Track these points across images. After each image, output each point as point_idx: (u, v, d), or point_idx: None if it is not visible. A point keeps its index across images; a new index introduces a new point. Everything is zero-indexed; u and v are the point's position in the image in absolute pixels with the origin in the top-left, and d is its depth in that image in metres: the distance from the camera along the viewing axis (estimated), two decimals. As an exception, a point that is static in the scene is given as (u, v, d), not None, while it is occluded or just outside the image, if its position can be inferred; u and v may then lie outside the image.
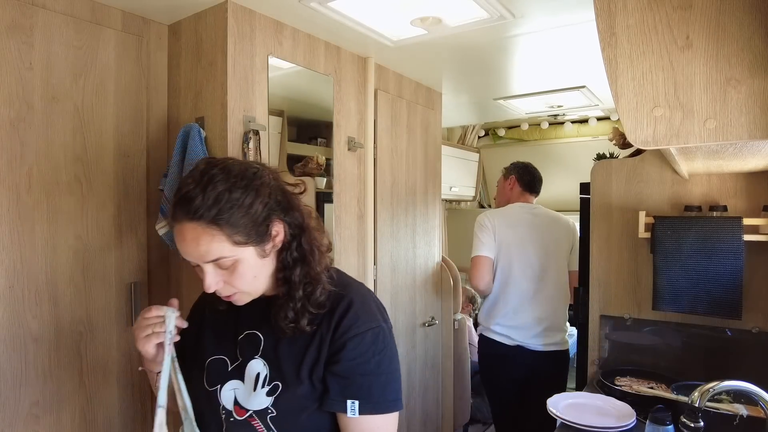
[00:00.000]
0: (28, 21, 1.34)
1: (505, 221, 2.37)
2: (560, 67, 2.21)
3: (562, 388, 2.30)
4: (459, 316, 2.73)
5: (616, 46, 1.01)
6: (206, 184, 0.84)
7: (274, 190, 0.91)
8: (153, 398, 1.64)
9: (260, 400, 0.91)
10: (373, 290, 2.09)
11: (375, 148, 2.10)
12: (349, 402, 0.88)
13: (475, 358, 2.99)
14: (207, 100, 1.56)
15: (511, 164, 2.67)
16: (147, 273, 1.64)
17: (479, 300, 2.77)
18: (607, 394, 1.53)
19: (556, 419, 1.39)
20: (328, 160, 1.89)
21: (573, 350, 2.63)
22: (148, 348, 0.93)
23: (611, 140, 2.23)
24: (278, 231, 0.91)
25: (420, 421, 2.45)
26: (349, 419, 0.89)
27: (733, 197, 1.65)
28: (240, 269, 0.88)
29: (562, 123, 3.67)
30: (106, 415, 1.52)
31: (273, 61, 1.65)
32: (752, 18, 0.89)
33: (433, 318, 2.53)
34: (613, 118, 3.40)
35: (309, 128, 1.89)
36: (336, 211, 1.91)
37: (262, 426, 0.91)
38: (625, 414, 1.39)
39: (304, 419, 0.91)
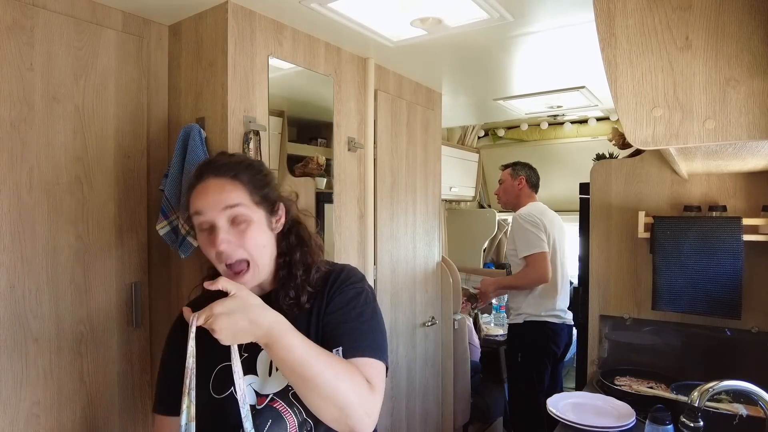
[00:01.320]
0: (28, 21, 1.34)
1: (546, 219, 2.62)
2: (560, 68, 2.21)
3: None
4: (459, 316, 2.73)
5: (615, 46, 1.01)
6: (231, 156, 1.01)
7: (274, 178, 1.05)
8: (153, 398, 1.65)
9: (279, 381, 0.95)
10: (372, 290, 2.10)
11: (375, 148, 2.11)
12: (334, 351, 0.91)
13: (476, 357, 3.00)
14: (207, 100, 1.57)
15: (516, 163, 2.86)
16: (147, 273, 1.64)
17: (503, 298, 2.84)
18: (607, 393, 1.54)
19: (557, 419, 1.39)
20: (328, 161, 1.89)
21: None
22: None
23: (611, 140, 2.24)
24: (281, 213, 1.03)
25: (420, 420, 2.45)
26: (359, 362, 0.92)
27: (733, 197, 1.65)
28: (252, 230, 0.95)
29: (562, 123, 3.67)
30: (106, 415, 1.53)
31: (273, 61, 1.65)
32: (751, 18, 0.90)
33: (433, 318, 2.53)
34: (613, 118, 3.40)
35: (309, 128, 1.89)
36: (336, 211, 1.91)
37: (284, 405, 0.94)
38: (625, 414, 1.39)
39: None
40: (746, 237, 1.51)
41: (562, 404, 1.46)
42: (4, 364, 1.31)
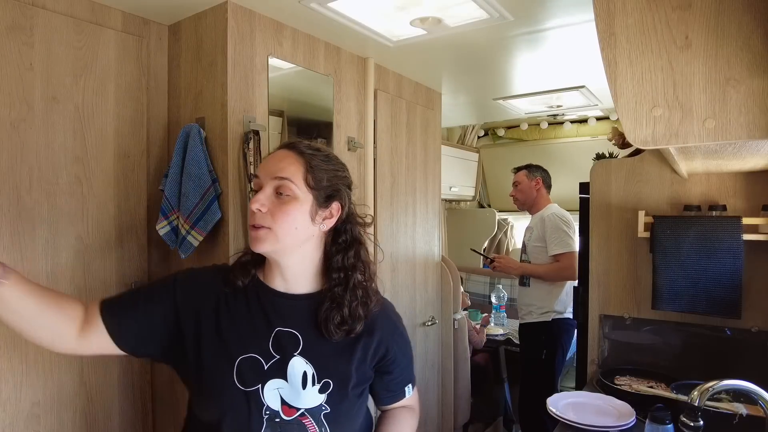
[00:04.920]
0: (28, 21, 1.34)
1: (572, 220, 2.71)
2: (560, 67, 2.21)
3: None
4: (459, 315, 2.74)
5: (615, 46, 1.01)
6: (317, 146, 1.05)
7: (349, 187, 1.06)
8: (153, 399, 1.66)
9: (313, 398, 0.95)
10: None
11: (375, 148, 2.11)
12: (407, 387, 1.13)
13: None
14: (207, 100, 1.57)
15: (531, 165, 2.95)
16: (147, 273, 1.64)
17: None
18: (607, 393, 1.54)
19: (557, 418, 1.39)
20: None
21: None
22: None
23: (610, 140, 2.24)
24: (334, 213, 1.01)
25: (420, 420, 2.43)
26: (405, 400, 1.14)
27: (733, 197, 1.65)
28: (291, 206, 0.95)
29: (562, 123, 3.67)
30: (106, 415, 1.53)
31: (273, 61, 1.65)
32: (751, 18, 0.90)
33: (433, 318, 2.53)
34: (613, 117, 3.40)
35: (309, 128, 1.89)
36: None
37: (313, 424, 0.94)
38: (625, 413, 1.39)
39: (353, 412, 1.02)
40: (746, 236, 1.50)
41: (562, 404, 1.46)
42: (4, 364, 1.31)
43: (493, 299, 3.56)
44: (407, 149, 2.35)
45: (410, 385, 1.14)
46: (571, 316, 2.68)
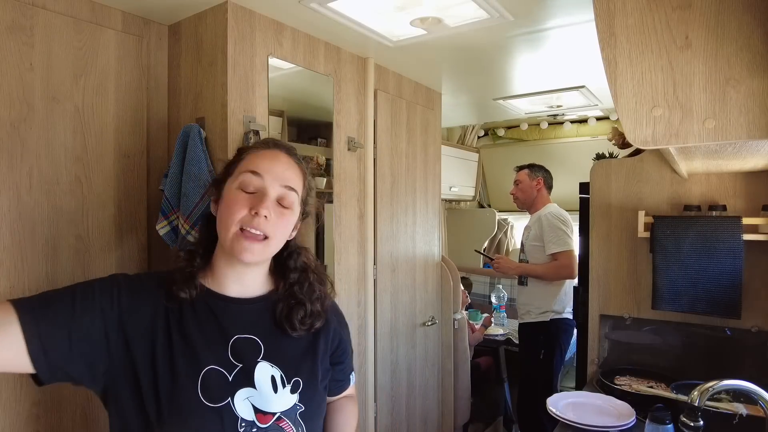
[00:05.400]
0: (28, 21, 1.34)
1: (569, 219, 2.73)
2: (560, 67, 2.21)
3: None
4: (459, 315, 2.74)
5: (615, 46, 1.01)
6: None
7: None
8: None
9: (286, 400, 0.91)
10: (372, 290, 2.10)
11: (375, 148, 2.11)
12: (351, 374, 1.15)
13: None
14: (207, 100, 1.57)
15: (533, 165, 2.95)
16: (147, 273, 1.65)
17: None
18: (607, 393, 1.54)
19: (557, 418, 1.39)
20: (328, 160, 1.89)
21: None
22: None
23: (610, 140, 2.24)
24: (299, 226, 1.02)
25: (420, 420, 2.45)
26: (349, 388, 1.15)
27: (733, 197, 1.65)
28: (288, 219, 0.95)
29: (562, 123, 3.67)
30: (106, 415, 1.52)
31: (273, 61, 1.65)
32: (751, 18, 0.90)
33: (433, 318, 2.53)
34: (613, 117, 3.40)
35: (309, 128, 1.89)
36: (336, 211, 1.91)
37: (291, 425, 0.91)
38: (625, 413, 1.39)
39: (323, 407, 1.02)
40: (746, 236, 1.50)
41: (562, 404, 1.46)
42: (4, 364, 1.30)
43: (493, 299, 3.56)
44: (407, 149, 2.35)
45: (353, 373, 1.16)
46: (570, 316, 2.69)
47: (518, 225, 4.28)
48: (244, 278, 0.96)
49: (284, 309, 0.97)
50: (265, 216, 0.89)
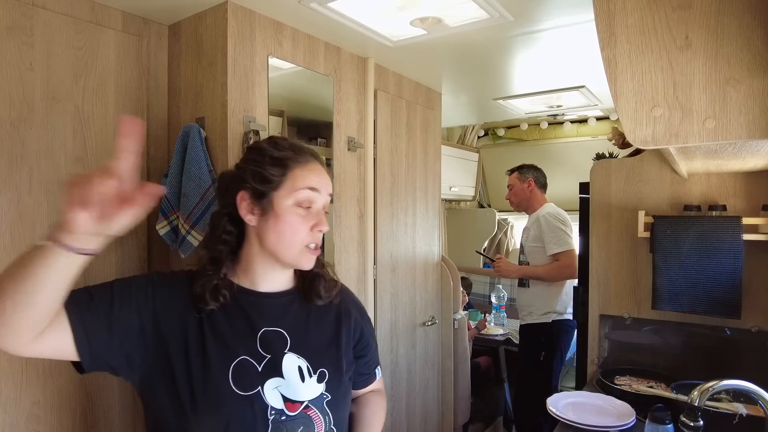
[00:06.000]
0: (28, 21, 1.34)
1: (568, 218, 2.71)
2: (560, 67, 2.21)
3: None
4: (459, 315, 2.73)
5: (615, 46, 1.01)
6: None
7: None
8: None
9: (313, 389, 0.97)
10: (372, 290, 2.10)
11: (375, 148, 2.11)
12: (377, 369, 1.18)
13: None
14: (207, 100, 1.57)
15: (522, 166, 2.92)
16: (147, 273, 1.65)
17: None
18: (607, 393, 1.54)
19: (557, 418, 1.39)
20: (328, 160, 1.89)
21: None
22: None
23: (610, 140, 2.24)
24: None
25: (420, 420, 2.45)
26: (375, 383, 1.18)
27: (733, 197, 1.65)
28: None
29: (562, 123, 3.67)
30: (106, 415, 1.52)
31: (273, 61, 1.65)
32: (751, 18, 0.90)
33: (433, 317, 2.53)
34: (613, 117, 3.40)
35: (309, 128, 1.89)
36: (336, 211, 1.91)
37: (318, 414, 0.96)
38: (625, 413, 1.39)
39: (348, 397, 1.06)
40: (746, 236, 1.50)
41: (562, 404, 1.46)
42: (4, 364, 1.30)
43: (493, 299, 3.56)
44: (407, 149, 2.35)
45: (379, 367, 1.19)
46: (571, 316, 2.67)
47: (518, 225, 4.28)
48: (279, 277, 1.03)
49: (307, 283, 1.04)
50: (327, 229, 0.99)
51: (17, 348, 0.78)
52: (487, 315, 3.54)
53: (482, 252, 3.52)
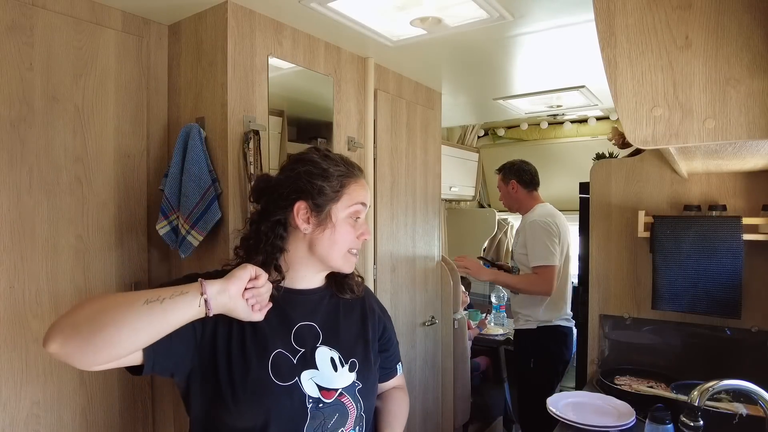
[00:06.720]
0: (28, 21, 1.34)
1: (560, 223, 2.56)
2: (560, 67, 2.21)
3: None
4: (459, 315, 2.73)
5: (615, 46, 1.01)
6: None
7: None
8: (153, 399, 1.65)
9: (346, 377, 1.04)
10: (373, 290, 2.10)
11: (375, 148, 2.11)
12: (398, 365, 1.25)
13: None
14: (207, 100, 1.57)
15: (503, 168, 2.74)
16: (148, 273, 1.64)
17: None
18: (607, 393, 1.54)
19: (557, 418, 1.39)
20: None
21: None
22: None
23: (610, 140, 2.24)
24: None
25: (420, 420, 2.45)
26: (396, 378, 1.24)
27: (733, 197, 1.65)
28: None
29: (562, 123, 3.67)
30: (106, 415, 1.53)
31: (273, 61, 1.65)
32: (751, 18, 0.90)
33: (433, 317, 2.53)
34: (613, 117, 3.40)
35: (309, 128, 1.89)
36: (336, 211, 1.91)
37: (351, 400, 1.03)
38: (625, 413, 1.39)
39: (375, 385, 1.14)
40: (746, 236, 1.50)
41: (562, 404, 1.46)
42: (4, 364, 1.31)
43: (493, 299, 3.56)
44: (407, 149, 2.35)
45: (400, 364, 1.26)
46: (563, 323, 2.58)
47: (518, 225, 4.27)
48: (317, 276, 1.11)
49: (340, 279, 1.13)
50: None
51: (92, 367, 0.83)
52: (487, 315, 3.54)
53: (485, 258, 3.42)
